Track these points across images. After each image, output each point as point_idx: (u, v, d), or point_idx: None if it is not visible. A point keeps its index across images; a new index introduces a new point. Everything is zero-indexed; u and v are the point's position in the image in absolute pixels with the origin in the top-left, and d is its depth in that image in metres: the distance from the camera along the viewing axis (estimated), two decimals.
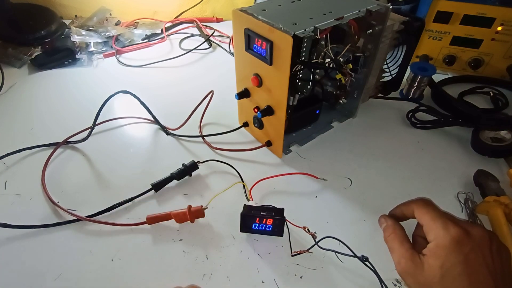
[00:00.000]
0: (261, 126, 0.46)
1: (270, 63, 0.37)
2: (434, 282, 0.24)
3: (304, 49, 0.39)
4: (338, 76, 0.43)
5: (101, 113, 0.52)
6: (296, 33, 0.33)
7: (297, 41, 0.33)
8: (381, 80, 0.55)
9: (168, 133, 0.51)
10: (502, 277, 0.23)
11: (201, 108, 0.54)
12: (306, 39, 0.37)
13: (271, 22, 0.35)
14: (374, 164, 0.47)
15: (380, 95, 0.57)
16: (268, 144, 0.47)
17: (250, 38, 0.38)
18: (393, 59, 0.54)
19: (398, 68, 0.54)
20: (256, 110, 0.44)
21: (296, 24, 0.35)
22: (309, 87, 0.45)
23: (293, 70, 0.37)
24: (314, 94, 0.47)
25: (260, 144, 0.48)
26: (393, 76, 0.55)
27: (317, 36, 0.35)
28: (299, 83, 0.43)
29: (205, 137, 0.50)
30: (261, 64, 0.38)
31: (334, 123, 0.53)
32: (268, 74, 0.39)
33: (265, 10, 0.38)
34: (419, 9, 0.65)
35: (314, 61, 0.41)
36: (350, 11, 0.39)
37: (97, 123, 0.52)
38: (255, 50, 0.38)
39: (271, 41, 0.35)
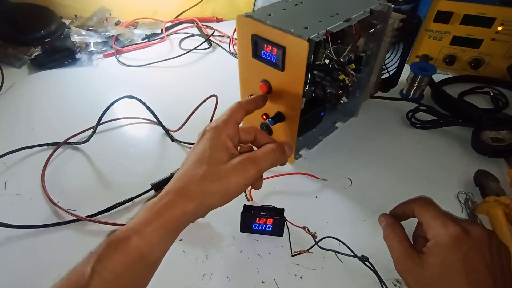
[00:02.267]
0: (270, 133, 0.46)
1: (282, 69, 0.36)
2: (433, 280, 0.24)
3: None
4: (342, 77, 0.43)
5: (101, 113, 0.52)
6: (310, 37, 0.32)
7: (312, 45, 0.33)
8: (380, 78, 0.55)
9: (173, 139, 0.51)
10: (501, 276, 0.23)
11: (206, 113, 0.52)
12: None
13: (283, 27, 0.34)
14: (374, 164, 0.47)
15: (380, 94, 0.57)
16: None
17: (257, 44, 0.37)
18: (389, 56, 0.54)
19: (395, 65, 0.54)
20: (264, 117, 0.43)
21: (307, 28, 0.34)
22: (312, 89, 0.45)
23: (308, 74, 0.36)
24: (316, 96, 0.47)
25: None
26: (390, 73, 0.55)
27: (328, 39, 0.35)
28: (306, 87, 0.42)
29: None
30: (271, 70, 0.37)
31: (338, 123, 0.53)
32: (279, 80, 0.38)
33: (271, 15, 0.37)
34: (419, 8, 0.65)
35: (317, 63, 0.41)
36: (355, 12, 0.38)
37: (99, 123, 0.52)
38: (263, 56, 0.37)
39: (284, 46, 0.34)
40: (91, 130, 0.51)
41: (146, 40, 0.77)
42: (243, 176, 0.27)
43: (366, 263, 0.32)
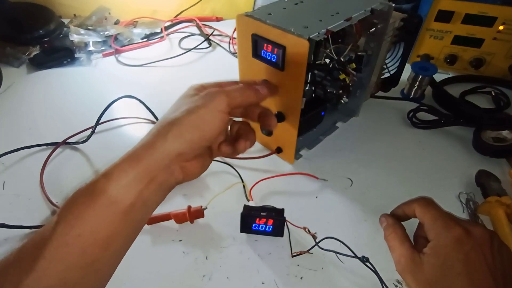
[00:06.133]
0: (270, 133, 0.45)
1: (282, 69, 0.36)
2: (434, 281, 0.24)
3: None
4: (342, 76, 0.43)
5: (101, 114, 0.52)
6: (310, 36, 0.32)
7: (313, 45, 0.32)
8: (381, 77, 0.54)
9: None
10: (503, 277, 0.23)
11: None
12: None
13: (282, 26, 0.34)
14: (375, 164, 0.46)
15: (381, 93, 0.57)
16: (279, 150, 0.46)
17: (257, 43, 0.37)
18: (390, 56, 0.54)
19: (396, 64, 0.54)
20: None
21: (307, 27, 0.34)
22: (312, 89, 0.45)
23: (308, 73, 0.36)
24: (316, 95, 0.47)
25: (269, 152, 0.47)
26: (392, 72, 0.55)
27: (329, 38, 0.35)
28: (306, 87, 0.42)
29: None
30: (271, 70, 0.37)
31: (338, 123, 0.53)
32: (279, 80, 0.38)
33: (271, 14, 0.37)
34: (420, 8, 0.65)
35: (318, 62, 0.41)
36: (356, 11, 0.38)
37: (98, 123, 0.52)
38: (263, 55, 0.37)
39: (284, 46, 0.34)
40: (90, 130, 0.51)
41: (146, 39, 0.77)
42: (213, 101, 0.25)
43: (367, 263, 0.32)
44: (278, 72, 0.37)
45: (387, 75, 0.55)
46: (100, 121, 0.52)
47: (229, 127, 0.31)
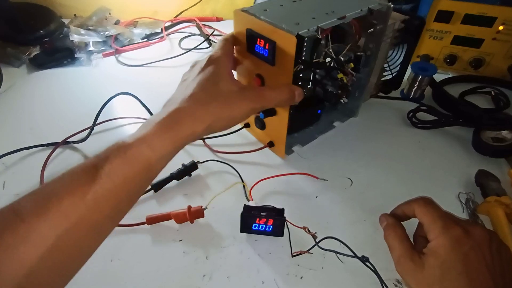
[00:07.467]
0: (263, 127, 0.46)
1: (273, 64, 0.37)
2: (433, 281, 0.24)
3: (305, 49, 0.39)
4: (340, 75, 0.43)
5: (101, 113, 0.52)
6: (299, 33, 0.33)
7: (301, 41, 0.33)
8: (382, 79, 0.54)
9: None
10: (502, 276, 0.23)
11: None
12: (306, 39, 0.37)
13: (274, 22, 0.35)
14: (374, 164, 0.46)
15: (380, 94, 0.57)
16: (271, 145, 0.47)
17: (252, 38, 0.38)
18: (393, 58, 0.54)
19: (398, 67, 0.54)
20: None
21: (299, 24, 0.35)
22: (309, 87, 0.45)
23: (295, 69, 0.37)
24: (315, 94, 0.47)
25: (262, 145, 0.48)
26: (393, 75, 0.55)
27: (318, 35, 0.35)
28: (299, 83, 0.42)
29: (205, 140, 0.50)
30: (263, 64, 0.38)
31: (336, 122, 0.53)
32: (271, 75, 0.39)
33: (266, 10, 0.38)
34: (420, 8, 0.65)
35: (315, 61, 0.41)
36: (352, 11, 0.38)
37: (96, 123, 0.52)
38: (257, 50, 0.38)
39: (274, 41, 0.35)
40: (90, 129, 0.51)
41: (146, 39, 0.77)
42: (249, 108, 0.31)
43: (367, 263, 0.32)
44: (269, 67, 0.38)
45: (388, 76, 0.55)
46: (100, 121, 0.52)
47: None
